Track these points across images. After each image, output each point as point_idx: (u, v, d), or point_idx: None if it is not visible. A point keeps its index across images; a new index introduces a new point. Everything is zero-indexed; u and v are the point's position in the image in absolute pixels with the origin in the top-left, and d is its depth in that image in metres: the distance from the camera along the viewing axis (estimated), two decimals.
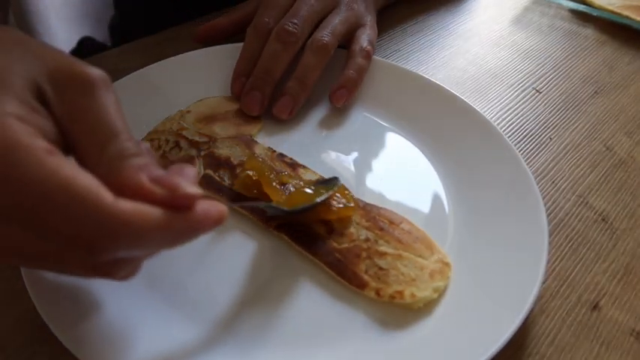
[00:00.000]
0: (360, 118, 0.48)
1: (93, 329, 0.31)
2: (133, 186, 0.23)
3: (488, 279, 0.35)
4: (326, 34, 0.47)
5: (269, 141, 0.44)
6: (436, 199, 0.42)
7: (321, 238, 0.36)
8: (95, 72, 0.25)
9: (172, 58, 0.49)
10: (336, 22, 0.48)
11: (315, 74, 0.47)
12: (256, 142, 0.44)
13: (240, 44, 0.49)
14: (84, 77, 0.25)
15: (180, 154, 0.42)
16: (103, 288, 0.33)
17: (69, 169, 0.22)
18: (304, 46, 0.47)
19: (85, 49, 0.73)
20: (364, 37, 0.50)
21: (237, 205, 0.37)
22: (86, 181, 0.22)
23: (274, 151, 0.43)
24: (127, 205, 0.22)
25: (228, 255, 0.37)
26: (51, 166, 0.21)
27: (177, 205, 0.23)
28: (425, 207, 0.41)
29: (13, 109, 0.22)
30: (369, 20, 0.52)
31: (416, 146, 0.46)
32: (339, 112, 0.48)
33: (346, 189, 0.38)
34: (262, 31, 0.47)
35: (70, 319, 0.31)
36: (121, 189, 0.23)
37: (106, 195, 0.22)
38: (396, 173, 0.44)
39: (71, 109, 0.24)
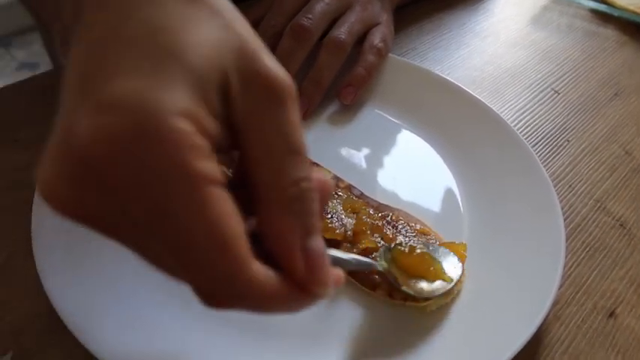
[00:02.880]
0: (374, 115, 0.48)
1: (106, 323, 0.31)
2: (284, 242, 0.21)
3: (502, 284, 0.34)
4: (342, 33, 0.47)
5: None
6: (450, 200, 0.41)
7: (334, 238, 0.36)
8: (288, 81, 0.22)
9: None
10: (352, 20, 0.48)
11: (331, 74, 0.46)
12: None
13: None
14: (278, 85, 0.21)
15: None
16: (116, 282, 0.33)
17: (223, 208, 0.19)
18: (319, 45, 0.47)
19: None
20: (377, 35, 0.49)
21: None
22: (236, 230, 0.19)
23: None
24: (260, 273, 0.20)
25: None
26: (205, 198, 0.18)
27: (307, 288, 0.21)
28: (439, 208, 0.41)
29: (183, 104, 0.19)
30: (385, 19, 0.52)
31: (431, 146, 0.45)
32: (354, 109, 0.48)
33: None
34: (269, 34, 0.47)
35: (84, 312, 0.31)
36: (273, 229, 0.21)
37: (246, 254, 0.20)
38: (409, 172, 0.43)
39: (255, 115, 0.21)
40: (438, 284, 0.33)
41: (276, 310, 0.22)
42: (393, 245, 0.35)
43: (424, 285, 0.33)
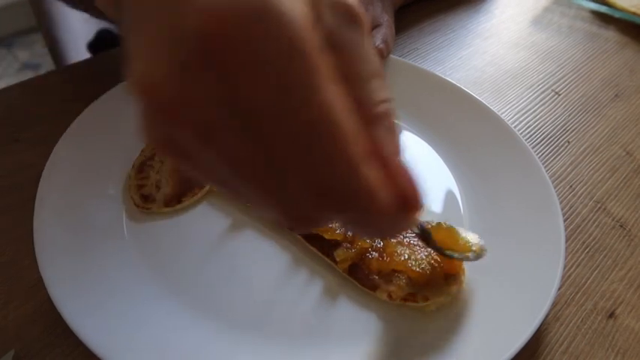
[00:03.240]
0: None
1: (107, 321, 0.31)
2: (383, 151, 0.20)
3: (502, 284, 0.35)
4: None
5: None
6: (450, 200, 0.41)
7: (334, 239, 0.36)
8: (362, 10, 0.21)
9: None
10: None
11: None
12: None
13: None
14: (356, 11, 0.21)
15: None
16: (118, 281, 0.34)
17: (341, 103, 0.18)
18: None
19: (103, 40, 0.73)
20: (378, 36, 0.50)
21: None
22: (352, 126, 0.18)
23: None
24: (373, 175, 0.19)
25: (240, 254, 0.37)
26: (326, 90, 0.17)
27: (409, 203, 0.21)
28: (439, 209, 0.41)
29: (308, 4, 0.18)
30: (386, 20, 0.52)
31: (431, 147, 0.45)
32: None
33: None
34: None
35: (85, 311, 0.31)
36: (373, 145, 0.20)
37: (362, 154, 0.18)
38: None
39: (341, 35, 0.20)
40: (472, 254, 0.33)
41: (374, 226, 0.21)
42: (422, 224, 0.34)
43: (456, 254, 0.33)
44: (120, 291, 0.33)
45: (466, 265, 0.35)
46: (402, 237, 0.36)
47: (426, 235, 0.33)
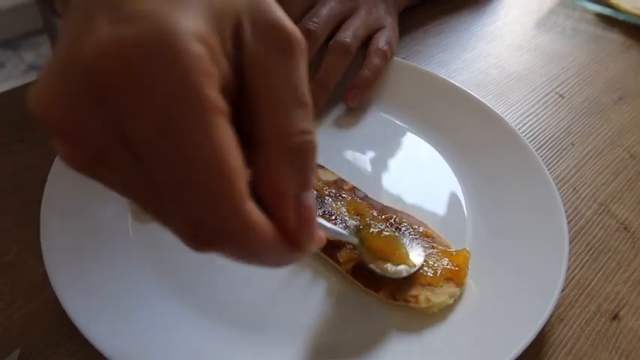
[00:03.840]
0: (379, 118, 0.48)
1: (113, 320, 0.31)
2: (280, 191, 0.21)
3: (505, 285, 0.35)
4: (347, 36, 0.47)
5: None
6: (454, 203, 0.41)
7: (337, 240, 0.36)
8: (300, 35, 0.21)
9: None
10: (357, 24, 0.48)
11: (337, 76, 0.47)
12: None
13: None
14: (291, 37, 0.21)
15: None
16: (123, 280, 0.34)
17: (229, 140, 0.18)
18: (324, 49, 0.47)
19: None
20: (382, 38, 0.50)
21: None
22: (238, 163, 0.19)
23: None
24: (255, 212, 0.20)
25: None
26: (211, 127, 0.18)
27: (294, 240, 0.21)
28: (443, 211, 0.41)
29: (201, 29, 0.18)
30: (390, 22, 0.52)
31: (435, 149, 0.45)
32: (359, 112, 0.48)
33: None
34: None
35: (91, 310, 0.31)
36: (270, 177, 0.21)
37: (244, 191, 0.19)
38: (413, 175, 0.44)
39: (267, 61, 0.21)
40: (401, 268, 0.34)
41: (260, 259, 0.21)
42: (362, 226, 0.36)
43: (389, 266, 0.34)
44: (125, 291, 0.33)
45: (470, 265, 0.35)
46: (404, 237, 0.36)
47: (359, 240, 0.34)
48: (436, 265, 0.35)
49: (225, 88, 0.20)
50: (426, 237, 0.37)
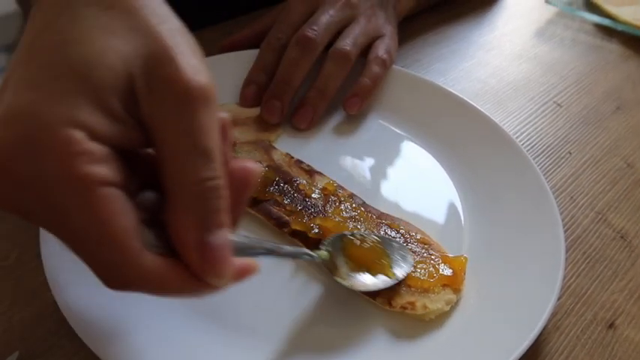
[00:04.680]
0: (378, 126, 0.49)
1: (112, 325, 0.31)
2: (181, 236, 0.23)
3: (502, 293, 0.35)
4: (347, 44, 0.47)
5: (287, 147, 0.45)
6: (452, 210, 0.41)
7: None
8: (202, 84, 0.22)
9: None
10: (356, 32, 0.49)
11: (336, 84, 0.47)
12: (275, 147, 0.44)
13: None
14: (186, 89, 0.22)
15: None
16: None
17: (112, 207, 0.21)
18: (324, 57, 0.47)
19: None
20: (381, 47, 0.50)
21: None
22: (125, 225, 0.21)
23: (292, 157, 0.43)
24: (148, 261, 0.22)
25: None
26: (94, 199, 0.21)
27: (200, 278, 0.23)
28: (440, 218, 0.41)
29: (75, 114, 0.21)
30: (389, 31, 0.53)
31: (433, 157, 0.46)
32: (358, 120, 0.49)
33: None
34: (275, 45, 0.48)
35: (90, 315, 0.31)
36: (173, 224, 0.23)
37: (136, 247, 0.22)
38: (411, 183, 0.44)
39: (161, 116, 0.22)
40: (380, 279, 0.34)
41: (173, 294, 0.24)
42: (344, 233, 0.35)
43: (366, 278, 0.34)
44: (124, 296, 0.33)
45: (467, 273, 0.35)
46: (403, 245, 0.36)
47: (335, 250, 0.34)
48: (433, 271, 0.35)
49: (117, 153, 0.22)
50: (424, 244, 0.37)
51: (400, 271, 0.34)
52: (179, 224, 0.22)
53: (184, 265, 0.23)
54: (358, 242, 0.35)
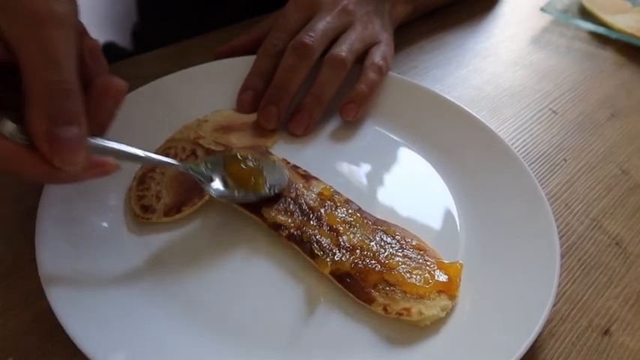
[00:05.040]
0: (374, 132, 0.49)
1: (106, 330, 0.31)
2: (32, 127, 0.27)
3: (497, 300, 0.35)
4: (343, 50, 0.48)
5: (284, 153, 0.45)
6: (447, 217, 0.42)
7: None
8: (49, 9, 0.27)
9: (192, 68, 0.50)
10: (352, 38, 0.49)
11: (332, 90, 0.47)
12: (271, 153, 0.44)
13: None
14: (35, 13, 0.27)
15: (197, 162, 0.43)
16: (117, 290, 0.34)
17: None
18: (320, 63, 0.48)
19: (108, 54, 0.74)
20: (377, 53, 0.50)
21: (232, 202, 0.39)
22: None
23: (289, 162, 0.43)
24: (1, 143, 0.27)
25: (235, 263, 0.37)
26: None
27: (50, 161, 0.28)
28: (436, 224, 0.41)
29: None
30: (385, 37, 0.53)
31: (429, 163, 0.46)
32: (354, 126, 0.49)
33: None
34: (271, 52, 0.48)
35: (84, 320, 0.31)
36: (26, 117, 0.27)
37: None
38: (408, 189, 0.44)
39: (18, 36, 0.27)
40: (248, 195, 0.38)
41: (32, 175, 0.29)
42: (228, 154, 0.39)
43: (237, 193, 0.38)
44: (119, 301, 0.33)
45: (462, 280, 0.35)
46: (397, 252, 0.36)
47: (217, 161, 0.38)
48: (428, 277, 0.35)
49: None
50: (419, 250, 0.37)
51: (271, 190, 0.38)
52: (31, 117, 0.27)
53: (39, 153, 0.28)
54: (237, 159, 0.38)
